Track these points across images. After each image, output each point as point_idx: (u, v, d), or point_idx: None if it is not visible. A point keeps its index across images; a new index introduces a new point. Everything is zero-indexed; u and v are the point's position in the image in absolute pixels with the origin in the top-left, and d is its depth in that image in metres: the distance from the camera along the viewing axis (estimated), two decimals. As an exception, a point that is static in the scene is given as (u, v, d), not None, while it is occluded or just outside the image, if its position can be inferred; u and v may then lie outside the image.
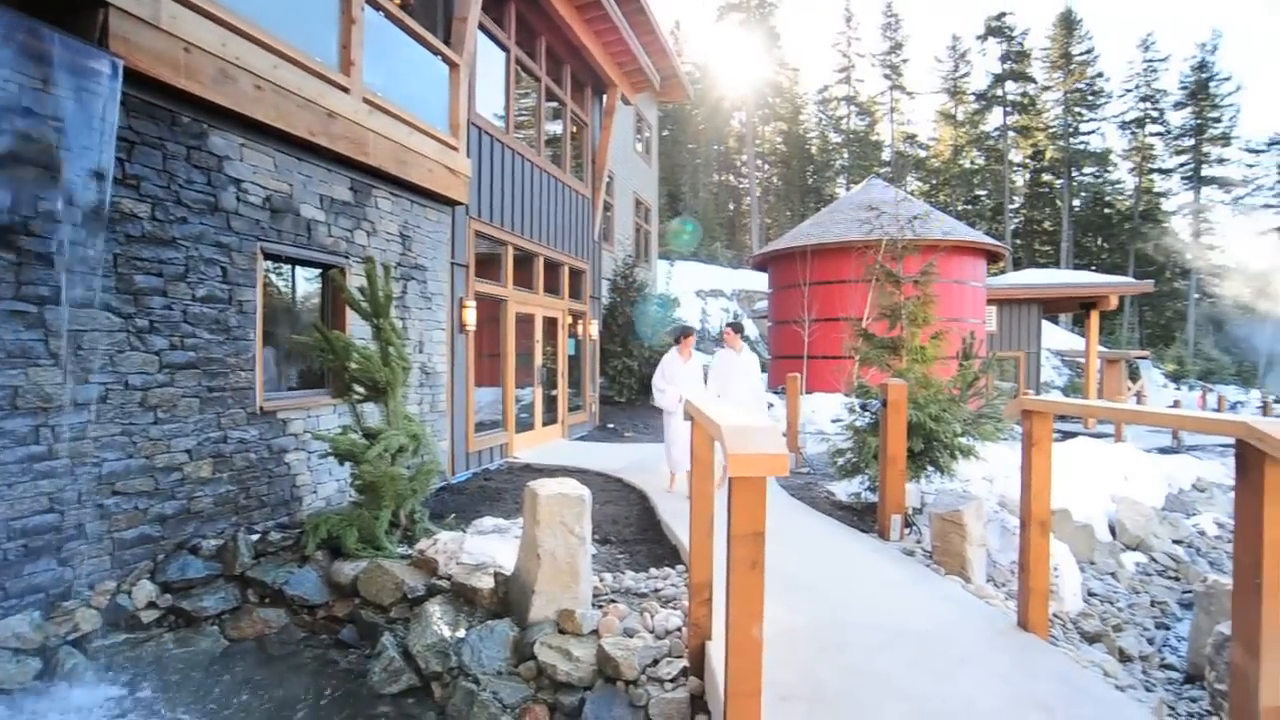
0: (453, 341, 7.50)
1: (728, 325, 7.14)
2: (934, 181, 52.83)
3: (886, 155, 52.93)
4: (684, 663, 3.15)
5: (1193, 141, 48.44)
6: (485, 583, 3.94)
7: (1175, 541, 7.99)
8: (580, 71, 10.88)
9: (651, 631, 3.42)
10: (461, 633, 3.67)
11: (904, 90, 53.53)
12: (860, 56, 52.87)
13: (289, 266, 5.48)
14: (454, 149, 7.01)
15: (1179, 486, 9.73)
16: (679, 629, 3.42)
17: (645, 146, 19.75)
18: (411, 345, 6.66)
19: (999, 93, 51.16)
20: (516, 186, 8.88)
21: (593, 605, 3.79)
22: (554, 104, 10.51)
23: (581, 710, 3.13)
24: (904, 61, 53.00)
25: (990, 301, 18.09)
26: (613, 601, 3.87)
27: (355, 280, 5.77)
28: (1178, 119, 49.24)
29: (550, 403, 10.24)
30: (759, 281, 29.38)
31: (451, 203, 7.26)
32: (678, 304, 15.30)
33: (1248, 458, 2.19)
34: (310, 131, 5.09)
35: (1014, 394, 15.77)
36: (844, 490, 6.76)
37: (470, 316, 7.72)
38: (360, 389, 4.92)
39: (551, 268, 10.19)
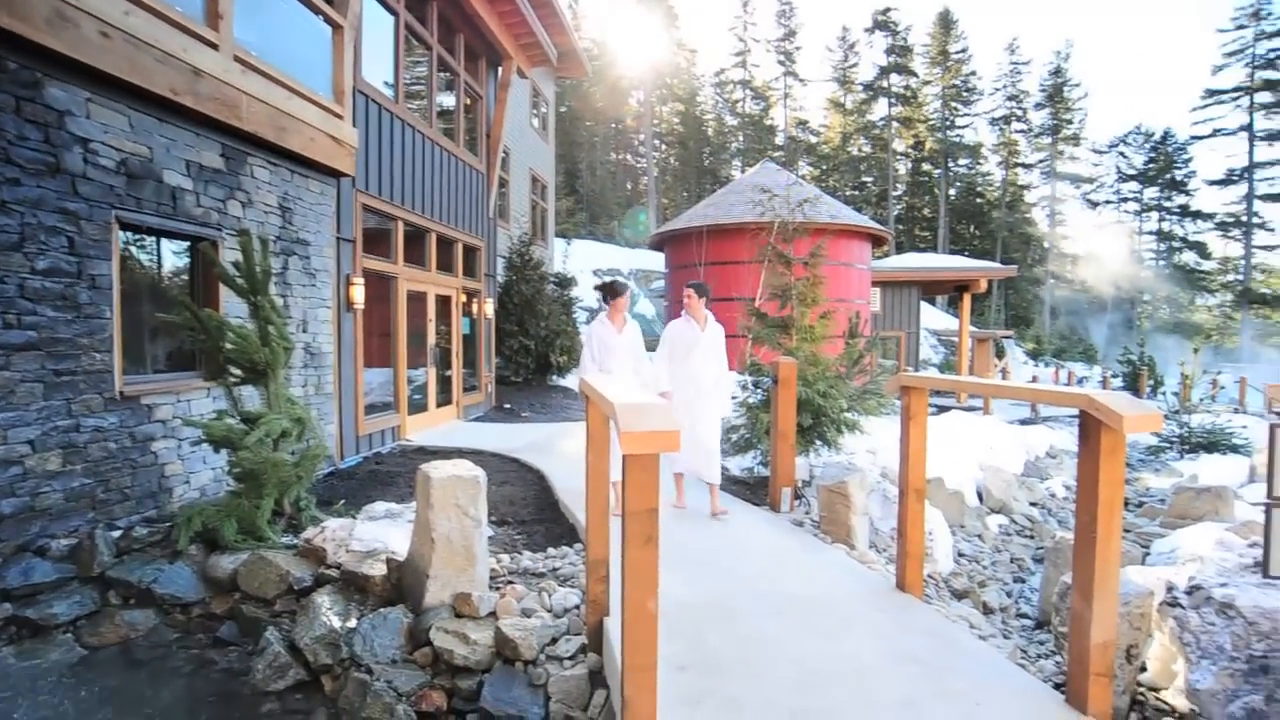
0: (339, 320, 7.13)
1: (689, 286, 5.37)
2: (824, 167, 54.98)
3: (780, 140, 54.54)
4: (583, 640, 3.17)
5: (1050, 140, 52.97)
6: (377, 570, 3.81)
7: (1031, 504, 8.81)
8: (474, 42, 10.49)
9: (550, 611, 3.43)
10: (353, 622, 3.54)
11: (797, 77, 55.18)
12: (756, 42, 53.99)
13: (152, 238, 5.01)
14: (339, 117, 6.61)
15: (1035, 454, 10.72)
16: (577, 607, 3.44)
17: (542, 122, 19.38)
18: (294, 324, 6.27)
19: (884, 84, 53.75)
20: (407, 159, 8.50)
21: (490, 587, 3.75)
22: (447, 74, 10.11)
23: (480, 693, 3.10)
24: (797, 49, 54.57)
25: (875, 283, 19.11)
26: (510, 583, 3.84)
27: (230, 255, 5.35)
28: (1038, 119, 53.76)
29: (445, 383, 9.96)
30: (656, 261, 29.67)
31: (336, 174, 6.86)
32: (575, 283, 15.18)
33: (1088, 426, 2.43)
34: (173, 90, 4.64)
35: (895, 371, 16.78)
36: (737, 465, 6.99)
37: (358, 294, 7.36)
38: (237, 371, 4.60)
39: (445, 244, 9.85)
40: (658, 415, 1.89)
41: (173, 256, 5.26)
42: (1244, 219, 49.12)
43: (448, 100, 10.37)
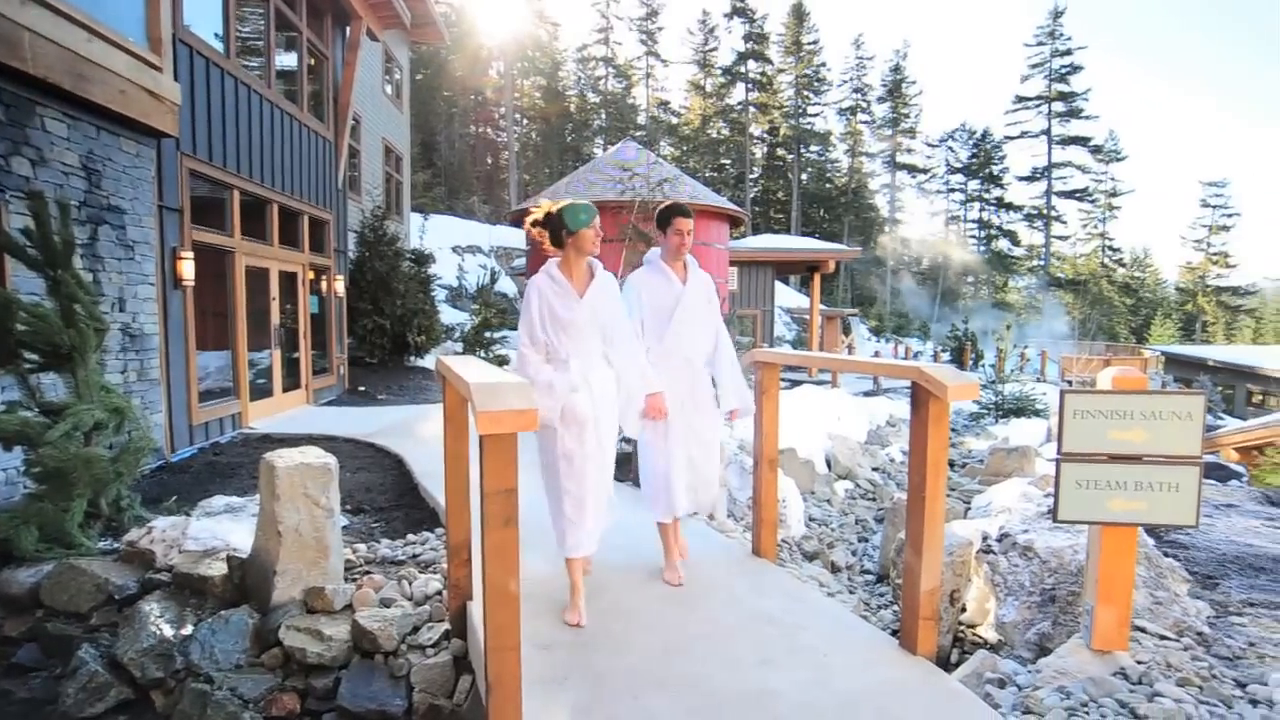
0: (166, 299, 6.42)
1: (667, 211, 3.50)
2: (685, 148, 56.16)
3: (642, 119, 55.04)
4: (446, 626, 3.10)
5: (891, 132, 57.39)
6: (217, 569, 3.50)
7: (874, 469, 9.59)
8: (318, -4, 9.70)
9: (410, 599, 3.32)
10: (188, 629, 3.24)
11: (659, 58, 55.80)
12: (619, 19, 53.99)
13: (-88, 200, 4.24)
14: (156, 69, 5.87)
15: (877, 423, 11.67)
16: (439, 593, 3.35)
17: (396, 90, 18.31)
18: (108, 303, 5.56)
19: (742, 70, 55.62)
20: (242, 121, 7.74)
21: (346, 579, 3.57)
22: (289, 32, 9.28)
23: (337, 691, 2.96)
24: (659, 29, 55.08)
25: (732, 263, 19.83)
26: (368, 573, 3.67)
27: (19, 221, 4.64)
28: (881, 111, 58.02)
29: (292, 366, 9.27)
30: (517, 238, 29.08)
31: (156, 134, 6.11)
32: (433, 259, 14.57)
33: (918, 396, 2.67)
34: (-66, 24, 3.92)
35: (751, 348, 17.57)
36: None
37: (188, 270, 6.64)
38: (34, 356, 4.02)
39: (289, 217, 9.11)
40: (514, 394, 1.85)
41: (-56, 223, 4.48)
42: (1045, 212, 56.13)
43: (289, 60, 9.54)
